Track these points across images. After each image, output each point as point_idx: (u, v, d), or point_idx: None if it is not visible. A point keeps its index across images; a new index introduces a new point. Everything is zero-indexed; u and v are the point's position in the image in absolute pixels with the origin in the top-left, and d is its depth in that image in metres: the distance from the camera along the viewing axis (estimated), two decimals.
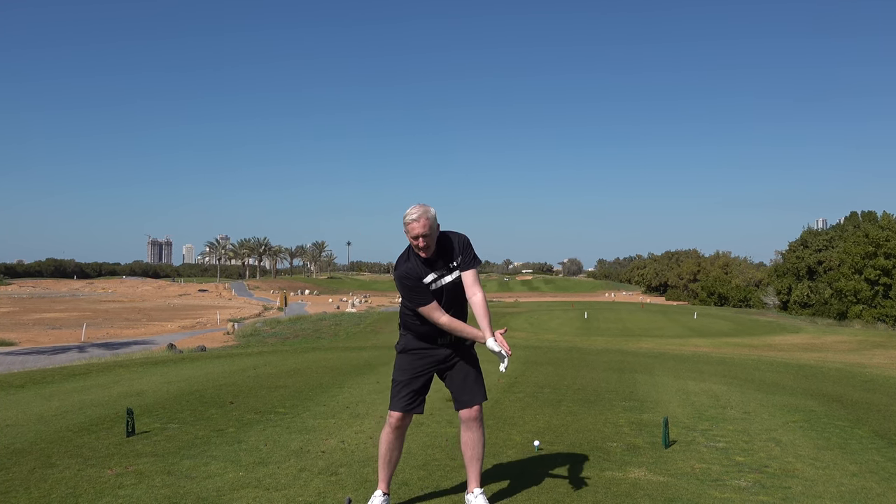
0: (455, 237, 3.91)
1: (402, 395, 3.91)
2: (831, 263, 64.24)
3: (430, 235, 3.74)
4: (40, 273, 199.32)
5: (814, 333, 37.06)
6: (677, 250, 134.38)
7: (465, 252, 3.88)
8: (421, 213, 3.71)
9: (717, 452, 5.37)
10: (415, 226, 3.70)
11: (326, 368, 10.91)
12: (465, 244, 3.90)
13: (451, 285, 3.86)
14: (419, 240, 3.72)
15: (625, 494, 4.23)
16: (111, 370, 11.46)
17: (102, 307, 72.75)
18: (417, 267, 3.82)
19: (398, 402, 3.89)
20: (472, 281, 3.87)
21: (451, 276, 3.87)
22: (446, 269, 3.85)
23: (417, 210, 3.72)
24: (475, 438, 3.98)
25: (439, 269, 3.84)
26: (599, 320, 45.91)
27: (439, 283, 3.84)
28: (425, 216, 3.71)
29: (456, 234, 3.93)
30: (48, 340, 35.03)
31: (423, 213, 3.72)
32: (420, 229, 3.70)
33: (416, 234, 3.71)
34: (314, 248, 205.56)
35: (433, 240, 3.77)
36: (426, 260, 3.83)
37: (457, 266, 3.87)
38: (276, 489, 4.26)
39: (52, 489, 4.26)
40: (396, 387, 3.94)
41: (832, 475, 4.81)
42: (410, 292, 3.80)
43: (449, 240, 3.88)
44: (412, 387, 3.91)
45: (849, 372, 14.74)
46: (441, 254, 3.84)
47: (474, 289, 3.86)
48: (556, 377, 9.90)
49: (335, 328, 38.20)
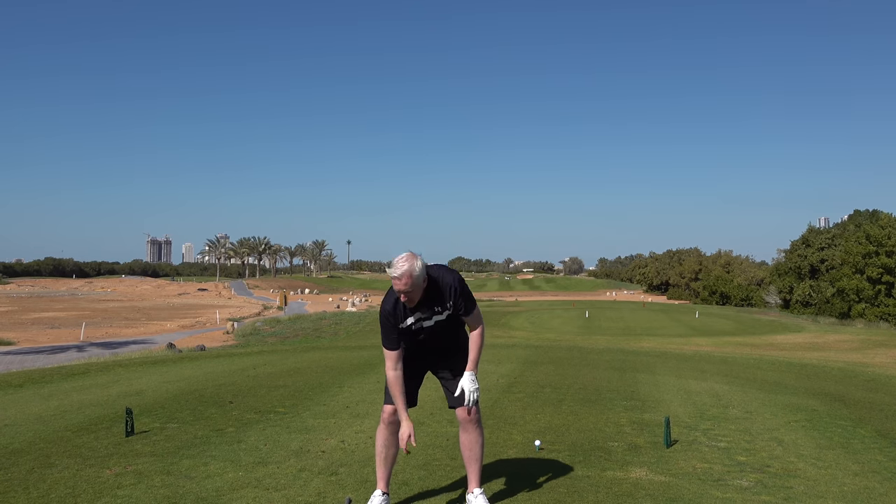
0: (445, 283, 3.80)
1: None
2: (833, 262, 64.24)
3: (414, 291, 3.69)
4: (39, 272, 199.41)
5: (816, 332, 37.05)
6: (679, 249, 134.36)
7: (457, 300, 3.83)
8: (404, 272, 3.62)
9: (719, 452, 5.37)
10: (397, 283, 3.65)
11: (326, 368, 10.91)
12: (457, 292, 3.81)
13: (434, 327, 3.87)
14: (402, 295, 3.70)
15: (626, 494, 4.23)
16: (110, 370, 11.47)
17: (101, 306, 72.77)
18: (400, 312, 3.82)
19: (390, 396, 3.92)
20: (471, 320, 3.94)
21: (435, 319, 3.85)
22: (432, 312, 3.83)
23: (401, 267, 3.62)
24: (473, 439, 3.99)
25: (424, 313, 3.83)
26: (601, 319, 45.89)
27: (420, 325, 3.85)
28: (409, 275, 3.62)
29: (447, 277, 3.81)
30: (47, 340, 35.04)
31: (408, 272, 3.62)
32: (402, 287, 3.65)
33: (398, 290, 3.68)
34: (314, 246, 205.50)
35: (417, 294, 3.72)
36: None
37: (446, 309, 3.84)
38: (275, 489, 4.26)
39: (51, 489, 4.26)
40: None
41: (834, 475, 4.81)
42: (385, 330, 3.86)
43: (437, 285, 3.80)
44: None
45: (851, 371, 14.75)
46: (427, 300, 3.80)
47: (474, 325, 3.94)
48: (557, 376, 9.90)
49: (335, 327, 38.19)
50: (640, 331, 37.20)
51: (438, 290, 3.80)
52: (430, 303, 3.81)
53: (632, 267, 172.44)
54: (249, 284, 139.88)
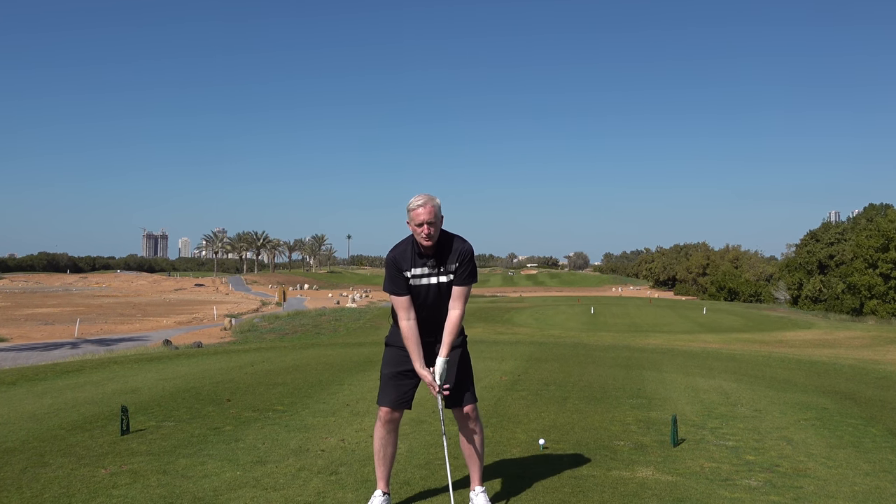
0: (459, 244, 3.86)
1: (388, 390, 3.93)
2: (843, 257, 64.14)
3: (435, 224, 3.72)
4: (32, 267, 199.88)
5: (826, 329, 37.04)
6: (686, 244, 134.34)
7: (463, 264, 3.84)
8: (427, 200, 3.70)
9: (727, 451, 5.37)
10: (420, 212, 3.68)
11: (326, 365, 10.92)
12: (467, 256, 3.86)
13: (439, 286, 3.85)
14: (423, 227, 3.70)
15: (632, 494, 4.22)
16: (105, 367, 11.49)
17: (96, 302, 72.87)
18: (411, 256, 3.82)
19: (385, 397, 3.92)
20: (458, 295, 3.86)
21: (441, 278, 3.84)
22: (438, 270, 3.83)
23: (423, 197, 3.72)
24: (472, 437, 3.99)
25: (431, 267, 3.83)
26: (606, 315, 45.90)
27: (427, 280, 3.84)
28: (431, 203, 3.71)
29: (461, 242, 3.88)
30: (40, 336, 35.10)
31: (429, 201, 3.71)
32: (425, 216, 3.68)
33: (420, 220, 3.69)
34: (313, 241, 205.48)
35: (437, 230, 3.75)
36: (421, 254, 3.82)
37: (450, 272, 3.84)
38: (274, 489, 4.26)
39: (45, 489, 4.27)
40: (383, 380, 3.97)
41: (845, 474, 4.81)
42: (391, 278, 3.84)
43: (451, 243, 3.85)
44: (398, 381, 3.92)
45: (862, 368, 14.73)
46: (439, 252, 3.82)
47: (457, 303, 3.86)
48: (561, 374, 9.90)
49: (335, 324, 38.24)
50: (646, 327, 37.22)
51: (449, 250, 3.84)
52: (441, 257, 3.83)
53: (638, 262, 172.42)
54: (247, 280, 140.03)
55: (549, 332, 32.42)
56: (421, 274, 3.82)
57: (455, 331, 3.85)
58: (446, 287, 3.86)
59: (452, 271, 3.84)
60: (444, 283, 3.84)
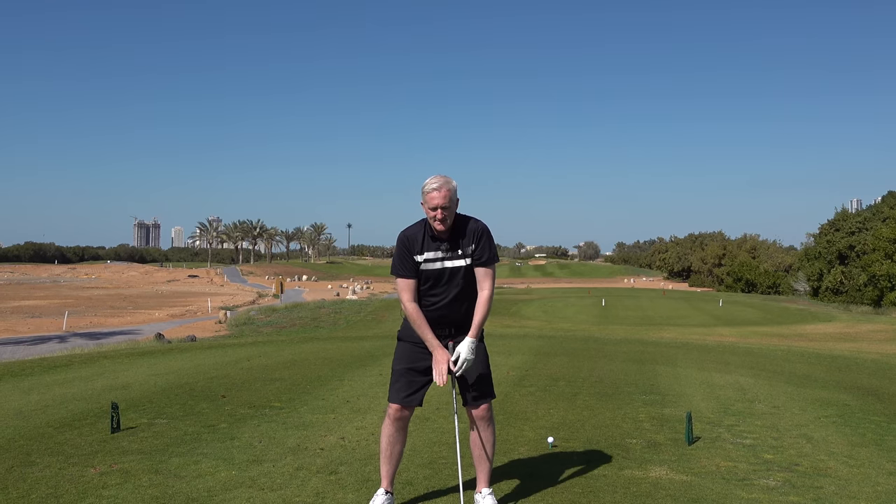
0: (474, 225, 3.87)
1: (399, 386, 3.92)
2: (864, 247, 63.92)
3: (450, 208, 3.73)
4: (18, 258, 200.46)
5: (848, 322, 36.97)
6: (701, 233, 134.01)
7: (482, 245, 3.85)
8: (442, 183, 3.70)
9: (744, 450, 5.37)
10: (435, 195, 3.69)
11: (325, 360, 10.94)
12: (485, 236, 3.87)
13: (455, 270, 3.84)
14: (438, 211, 3.70)
15: (645, 494, 4.23)
16: (95, 362, 11.53)
17: (85, 294, 73.11)
18: (423, 239, 3.82)
19: (395, 394, 3.92)
20: (483, 275, 3.88)
21: (455, 262, 3.83)
22: (452, 253, 3.83)
23: (438, 180, 3.72)
24: (484, 437, 3.99)
25: (445, 251, 3.83)
26: (618, 308, 45.90)
27: (441, 265, 3.83)
28: (446, 186, 3.70)
29: (476, 222, 3.89)
30: (27, 330, 35.25)
31: (445, 184, 3.71)
32: (440, 199, 3.68)
33: (434, 204, 3.69)
34: (312, 230, 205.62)
35: (452, 213, 3.76)
36: (434, 237, 3.81)
37: (467, 255, 3.84)
38: (271, 489, 4.27)
39: (32, 489, 4.28)
40: (394, 376, 3.96)
41: (867, 474, 4.80)
42: (400, 258, 3.85)
43: (466, 225, 3.86)
44: (410, 377, 3.92)
45: (885, 363, 14.70)
46: (454, 235, 3.83)
47: (484, 283, 3.87)
48: (571, 369, 9.91)
49: (335, 316, 38.32)
50: (659, 320, 37.21)
51: (464, 232, 3.84)
52: (455, 240, 3.83)
53: (651, 252, 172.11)
54: (243, 271, 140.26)
55: (558, 325, 32.43)
56: (434, 258, 3.83)
57: (485, 311, 3.86)
58: (459, 275, 3.85)
59: (469, 254, 3.84)
60: (457, 267, 3.84)
